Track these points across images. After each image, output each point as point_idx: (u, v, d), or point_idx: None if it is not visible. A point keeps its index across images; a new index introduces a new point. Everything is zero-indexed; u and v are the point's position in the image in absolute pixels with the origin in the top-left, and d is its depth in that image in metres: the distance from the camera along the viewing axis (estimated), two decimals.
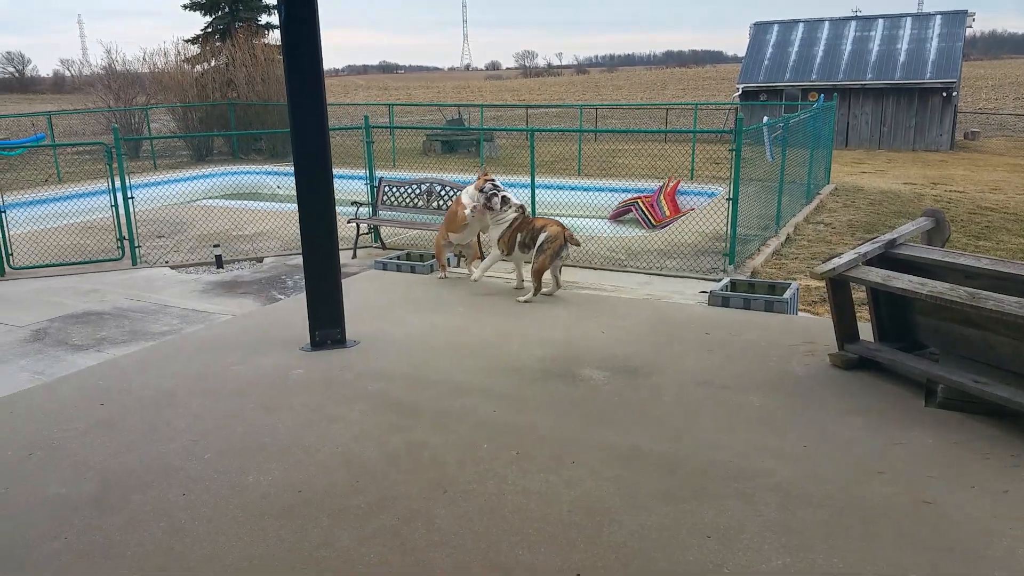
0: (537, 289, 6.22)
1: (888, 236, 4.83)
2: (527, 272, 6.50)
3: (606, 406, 4.27)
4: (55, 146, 18.60)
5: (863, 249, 4.73)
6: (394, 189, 11.17)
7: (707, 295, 6.54)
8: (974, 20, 27.87)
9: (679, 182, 16.00)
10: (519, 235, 6.33)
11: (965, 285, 4.12)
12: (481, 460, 3.67)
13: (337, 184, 14.42)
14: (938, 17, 27.75)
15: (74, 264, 10.17)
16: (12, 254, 9.91)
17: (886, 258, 4.72)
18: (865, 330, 4.93)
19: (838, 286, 4.77)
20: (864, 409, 4.21)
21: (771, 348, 5.14)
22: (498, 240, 6.43)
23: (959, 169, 21.23)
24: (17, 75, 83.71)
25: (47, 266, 10.04)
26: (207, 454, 3.72)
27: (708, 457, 3.68)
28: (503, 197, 6.56)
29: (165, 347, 5.56)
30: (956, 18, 27.28)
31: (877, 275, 4.48)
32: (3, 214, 9.83)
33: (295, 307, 5.85)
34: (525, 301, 6.15)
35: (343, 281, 6.50)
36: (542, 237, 6.18)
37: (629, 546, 2.98)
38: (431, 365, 4.92)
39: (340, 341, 5.22)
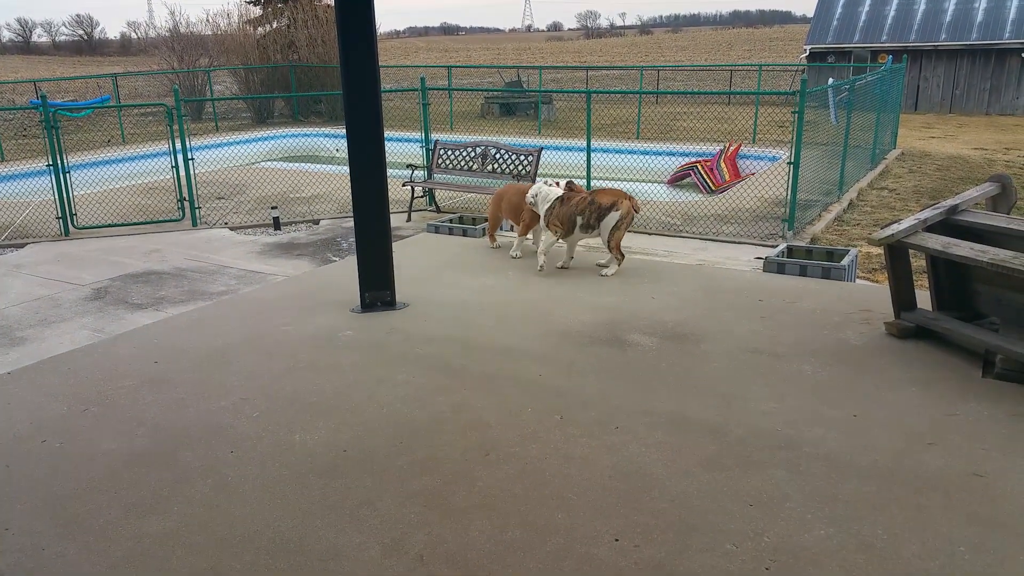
0: (621, 259, 6.06)
1: (950, 202, 4.63)
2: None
3: (653, 372, 4.23)
4: (119, 107, 19.12)
5: (923, 215, 4.55)
6: (449, 152, 11.17)
7: (762, 261, 6.38)
8: None
9: (740, 146, 15.61)
10: (579, 217, 5.98)
11: None
12: (525, 424, 3.68)
13: (393, 147, 14.55)
14: None
15: (136, 224, 10.50)
16: (76, 214, 10.28)
17: (948, 224, 4.53)
18: (923, 299, 4.76)
19: (896, 253, 4.60)
20: (919, 379, 4.07)
21: (826, 316, 5.00)
22: (547, 221, 6.09)
23: None
24: (86, 37, 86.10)
25: (110, 226, 10.39)
26: (255, 412, 3.81)
27: (755, 425, 3.62)
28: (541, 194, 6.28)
29: (219, 307, 5.71)
30: None
31: (937, 242, 4.31)
32: (67, 175, 10.17)
33: (347, 269, 5.92)
34: (613, 274, 6.00)
35: (396, 244, 6.55)
36: (615, 215, 5.88)
37: (669, 513, 2.97)
38: (479, 328, 4.94)
39: (390, 303, 5.27)
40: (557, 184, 6.35)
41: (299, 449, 3.47)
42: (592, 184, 10.60)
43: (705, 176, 14.68)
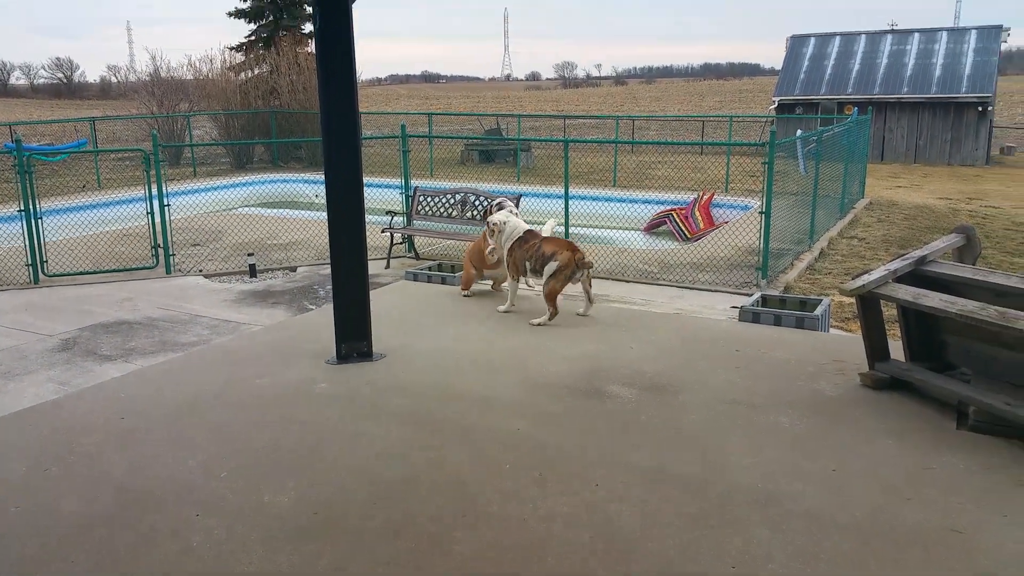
0: (553, 313, 5.95)
1: (918, 253, 4.70)
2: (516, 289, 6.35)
3: (632, 424, 4.21)
4: (96, 152, 19.00)
5: (893, 266, 4.61)
6: (429, 198, 11.22)
7: (738, 310, 6.43)
8: (1009, 35, 27.37)
9: (714, 194, 15.85)
10: (527, 263, 6.03)
11: (995, 304, 4.00)
12: (503, 481, 3.63)
13: (373, 193, 14.54)
14: (973, 32, 27.28)
15: (109, 272, 10.36)
16: (47, 261, 10.13)
17: (916, 275, 4.60)
18: (896, 348, 4.80)
19: (868, 304, 4.65)
20: (894, 431, 4.09)
21: (801, 366, 5.02)
22: (507, 266, 6.20)
23: (995, 184, 20.75)
24: (65, 80, 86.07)
25: (81, 273, 10.24)
26: (224, 471, 3.72)
27: (735, 480, 3.60)
28: (488, 224, 6.39)
29: (190, 359, 5.62)
30: (991, 33, 26.81)
31: (907, 293, 4.37)
32: (39, 221, 10.05)
33: (324, 318, 5.86)
34: (539, 324, 5.94)
35: (374, 292, 6.50)
36: (553, 266, 5.87)
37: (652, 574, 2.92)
38: (457, 379, 4.89)
39: (366, 354, 5.22)
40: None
41: (268, 510, 3.38)
42: (571, 232, 10.68)
43: (680, 224, 14.86)
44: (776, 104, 28.10)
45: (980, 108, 25.22)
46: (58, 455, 3.95)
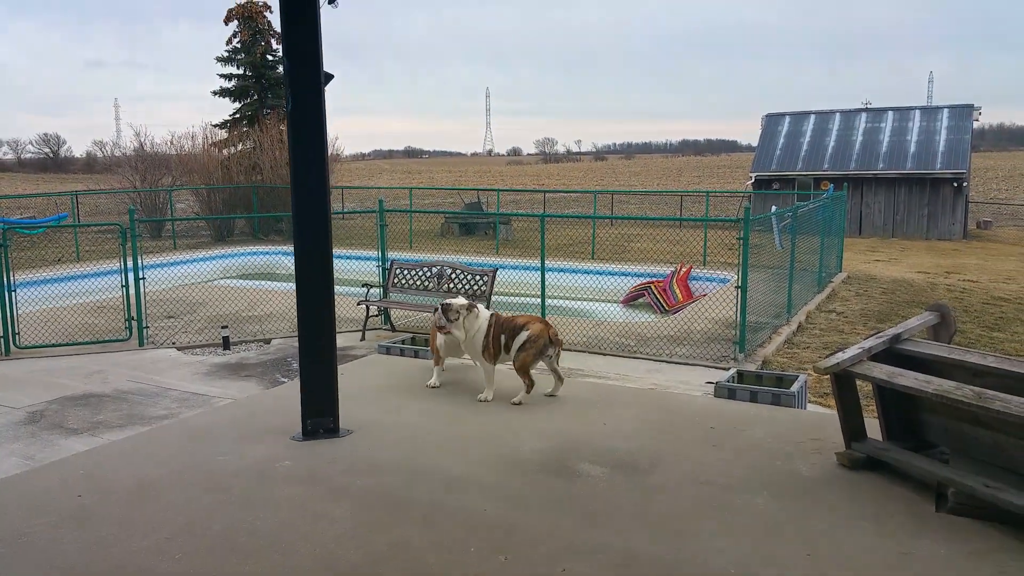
0: (530, 386, 5.82)
1: (893, 331, 4.70)
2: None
3: (603, 505, 4.09)
4: (74, 226, 19.00)
5: (867, 344, 4.60)
6: (405, 271, 11.21)
7: (713, 386, 6.37)
8: (980, 114, 28.35)
9: (691, 267, 15.99)
10: (502, 337, 5.87)
11: (972, 383, 3.97)
12: (467, 566, 3.49)
13: (351, 265, 14.46)
14: (946, 110, 28.23)
15: (81, 344, 10.19)
16: (19, 333, 9.96)
17: (892, 353, 4.58)
18: (873, 427, 4.75)
19: (843, 382, 4.62)
20: (871, 514, 3.99)
21: (777, 445, 4.95)
22: (483, 352, 5.90)
23: (972, 258, 21.11)
24: (52, 155, 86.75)
25: (53, 346, 10.07)
26: (179, 554, 3.56)
27: (709, 566, 3.48)
28: (452, 307, 5.93)
29: (153, 435, 5.46)
30: (963, 111, 27.76)
31: (882, 371, 4.34)
32: (12, 293, 9.93)
33: (292, 392, 5.74)
34: (519, 403, 5.77)
35: (346, 364, 6.42)
36: (523, 336, 5.76)
37: None
38: (425, 457, 4.77)
39: (333, 430, 5.09)
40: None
41: None
42: (548, 304, 10.67)
43: (659, 296, 14.92)
44: (753, 179, 28.69)
45: (955, 184, 25.87)
46: (10, 536, 3.77)
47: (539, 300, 10.67)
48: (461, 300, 6.08)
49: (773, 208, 14.27)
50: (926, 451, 4.52)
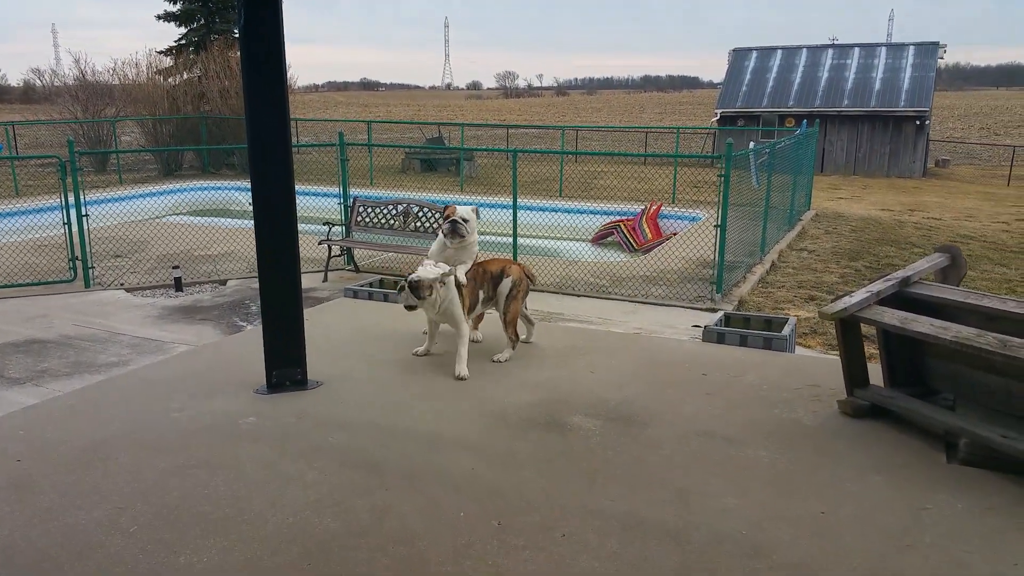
0: (515, 341, 5.29)
1: (902, 273, 4.43)
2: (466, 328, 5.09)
3: (599, 462, 3.80)
4: (9, 158, 17.88)
5: (876, 287, 4.33)
6: (369, 209, 10.69)
7: (701, 330, 6.11)
8: (945, 52, 28.20)
9: (661, 206, 15.69)
10: (481, 291, 5.19)
11: (987, 328, 3.73)
12: (458, 532, 3.17)
13: (310, 202, 13.75)
14: (912, 48, 28.03)
15: (21, 286, 9.53)
16: None
17: (901, 297, 4.32)
18: (874, 372, 4.52)
19: (848, 327, 4.36)
20: (881, 466, 3.77)
21: (775, 392, 4.70)
22: (464, 315, 5.06)
23: (933, 196, 21.21)
24: None
25: None
26: (133, 526, 3.17)
27: (718, 527, 3.21)
28: (423, 283, 4.83)
29: (102, 387, 5.00)
30: (929, 49, 27.60)
31: (893, 317, 4.08)
32: None
33: (253, 339, 5.31)
34: (505, 360, 5.21)
35: (310, 310, 5.97)
36: (507, 283, 5.15)
37: None
38: (402, 412, 4.41)
39: (300, 382, 4.69)
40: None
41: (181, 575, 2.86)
42: (519, 243, 10.28)
43: (628, 235, 14.63)
44: (719, 116, 28.33)
45: (918, 122, 25.85)
46: None
47: (510, 240, 10.26)
48: (430, 270, 4.87)
49: (751, 144, 13.94)
50: (931, 398, 4.32)
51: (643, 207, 15.50)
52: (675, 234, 13.78)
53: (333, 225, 10.61)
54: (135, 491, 3.48)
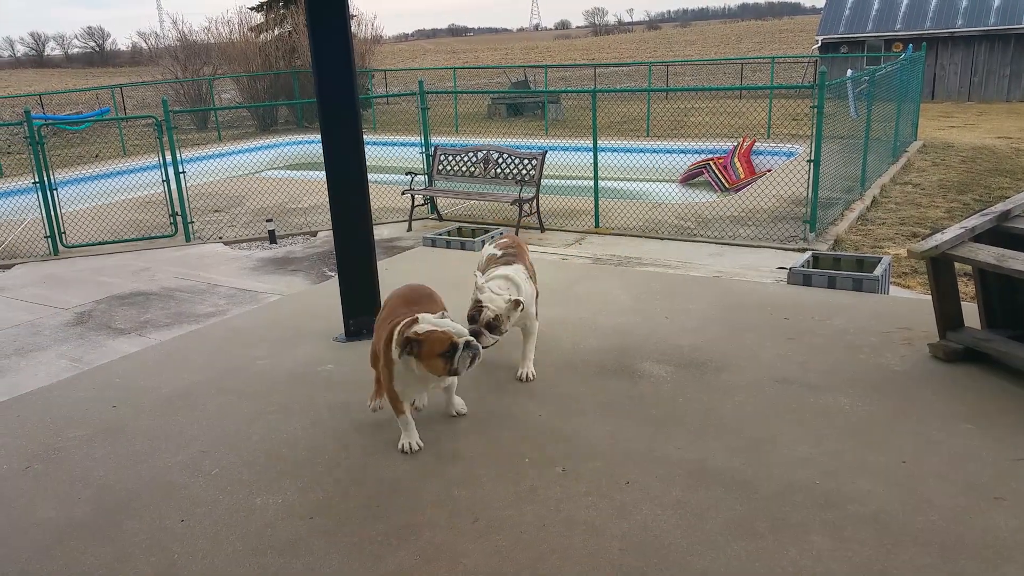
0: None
1: (1000, 207, 4.09)
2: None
3: (669, 409, 3.73)
4: (112, 119, 18.77)
5: (970, 223, 4.01)
6: (450, 157, 10.72)
7: (786, 272, 5.86)
8: None
9: (754, 141, 15.06)
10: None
11: None
12: (521, 478, 3.20)
13: (394, 152, 14.00)
14: None
15: (128, 241, 10.10)
16: (65, 232, 9.89)
17: (998, 233, 4.00)
18: (970, 313, 4.23)
19: (940, 266, 4.07)
20: (974, 414, 3.55)
21: (862, 336, 4.48)
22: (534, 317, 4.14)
23: None
24: (97, 49, 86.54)
25: (100, 244, 10.00)
26: (215, 468, 3.35)
27: (790, 477, 3.11)
28: (499, 317, 3.77)
29: (193, 337, 5.26)
30: None
31: (989, 254, 3.78)
32: (55, 192, 9.79)
33: (335, 288, 5.46)
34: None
35: (390, 258, 6.07)
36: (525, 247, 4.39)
37: None
38: None
39: None
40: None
41: (259, 516, 3.00)
42: (600, 186, 10.09)
43: (719, 174, 14.14)
44: (820, 43, 26.76)
45: None
46: (41, 451, 3.62)
47: (591, 183, 10.10)
48: (499, 296, 3.78)
49: (849, 72, 13.13)
50: None
51: (735, 143, 14.92)
52: (769, 171, 13.21)
53: (415, 175, 10.70)
54: (218, 436, 3.66)
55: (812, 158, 8.63)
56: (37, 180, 9.68)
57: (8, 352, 6.63)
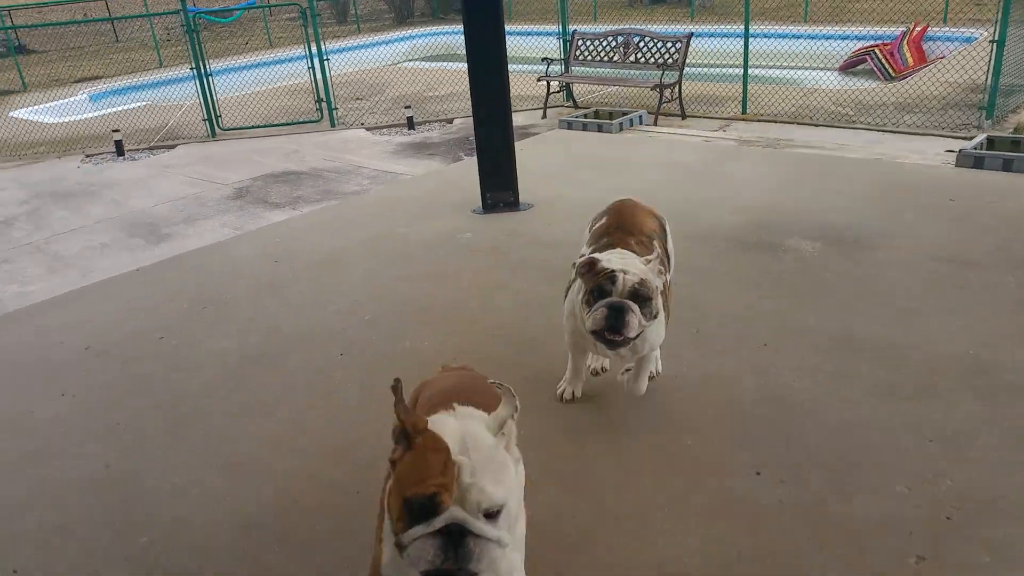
0: None
1: None
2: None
3: (813, 282, 3.60)
4: (257, 7, 19.23)
5: None
6: (588, 42, 10.38)
7: (954, 155, 5.40)
8: None
9: (927, 27, 13.65)
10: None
11: None
12: None
13: (529, 42, 13.62)
14: None
15: (277, 125, 10.57)
16: (221, 116, 10.46)
17: None
18: None
19: None
20: None
21: None
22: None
23: None
24: None
25: (252, 127, 10.51)
26: (367, 316, 3.57)
27: (940, 348, 2.96)
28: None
29: (340, 208, 5.52)
30: None
31: None
32: (210, 78, 10.30)
33: (471, 167, 5.54)
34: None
35: (526, 141, 6.06)
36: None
37: (825, 447, 2.44)
38: None
39: (513, 204, 4.85)
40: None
41: (407, 356, 3.20)
42: (750, 74, 9.53)
43: (884, 61, 12.98)
44: None
45: None
46: (215, 296, 3.98)
47: (738, 71, 9.53)
48: (639, 265, 2.47)
49: None
50: None
51: (905, 29, 13.59)
52: (942, 58, 12.01)
53: (552, 62, 10.47)
54: (368, 292, 3.88)
55: (995, 38, 7.73)
56: (194, 67, 10.21)
57: (177, 220, 7.20)
